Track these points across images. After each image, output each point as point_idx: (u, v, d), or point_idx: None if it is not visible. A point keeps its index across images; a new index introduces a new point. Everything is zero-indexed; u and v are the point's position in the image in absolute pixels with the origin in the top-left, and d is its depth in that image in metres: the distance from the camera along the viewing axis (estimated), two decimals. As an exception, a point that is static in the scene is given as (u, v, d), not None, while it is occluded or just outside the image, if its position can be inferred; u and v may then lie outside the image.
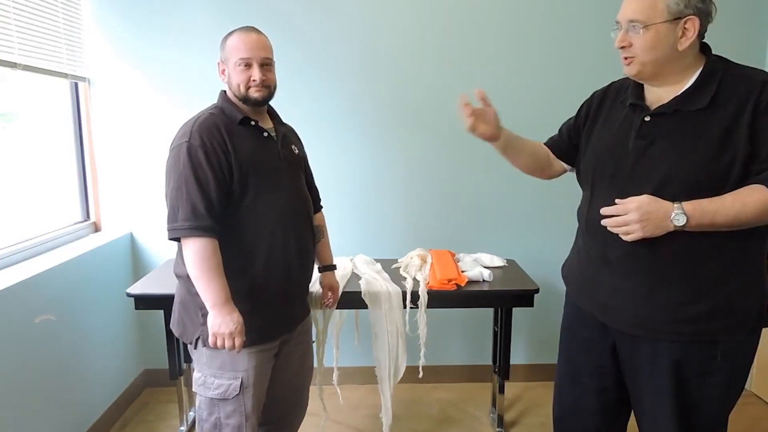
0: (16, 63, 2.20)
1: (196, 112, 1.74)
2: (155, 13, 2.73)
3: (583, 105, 1.68)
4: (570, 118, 1.72)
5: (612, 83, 1.63)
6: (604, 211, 1.39)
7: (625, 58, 1.41)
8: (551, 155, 1.74)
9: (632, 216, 1.33)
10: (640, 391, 1.49)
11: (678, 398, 1.41)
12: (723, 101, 1.32)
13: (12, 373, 1.98)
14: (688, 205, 1.29)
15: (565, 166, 1.74)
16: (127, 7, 2.72)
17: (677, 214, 1.29)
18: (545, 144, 1.77)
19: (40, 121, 2.66)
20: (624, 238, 1.36)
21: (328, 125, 2.84)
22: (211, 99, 1.81)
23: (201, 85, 2.76)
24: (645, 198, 1.33)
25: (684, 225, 1.29)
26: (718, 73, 1.36)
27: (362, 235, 2.93)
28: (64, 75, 2.56)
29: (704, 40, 1.40)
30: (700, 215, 1.29)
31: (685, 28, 1.33)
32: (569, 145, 1.69)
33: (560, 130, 1.75)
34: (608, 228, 1.39)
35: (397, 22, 2.80)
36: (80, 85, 2.76)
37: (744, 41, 2.87)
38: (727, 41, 2.82)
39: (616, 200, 1.37)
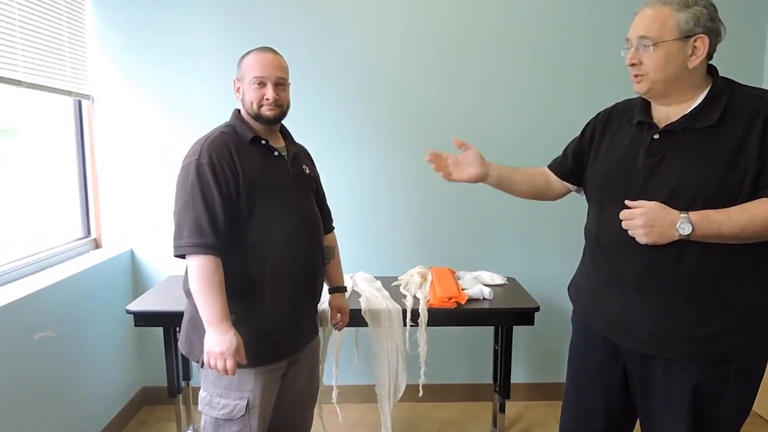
0: (20, 81, 2.22)
1: (197, 131, 1.76)
2: (158, 32, 2.76)
3: (587, 125, 1.69)
4: (573, 140, 1.74)
5: (617, 104, 1.65)
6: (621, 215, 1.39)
7: (636, 76, 1.42)
8: (551, 179, 1.76)
9: (638, 221, 1.33)
10: (653, 410, 1.48)
11: (692, 418, 1.40)
12: (731, 119, 1.34)
13: (10, 389, 1.97)
14: (695, 215, 1.30)
15: (570, 186, 1.74)
16: (131, 27, 2.75)
17: (683, 223, 1.30)
18: (549, 167, 1.78)
19: (43, 138, 2.68)
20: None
21: (328, 142, 2.86)
22: (213, 117, 1.83)
23: (202, 104, 2.79)
24: (653, 204, 1.33)
25: (689, 234, 1.29)
26: (725, 92, 1.38)
27: (362, 253, 2.93)
28: (68, 93, 2.59)
29: (711, 62, 1.42)
30: (706, 225, 1.29)
31: (694, 46, 1.36)
32: (575, 165, 1.70)
33: (565, 152, 1.76)
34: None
35: (397, 37, 2.83)
36: (83, 102, 2.78)
37: (742, 60, 2.90)
38: (726, 57, 2.87)
39: (626, 202, 1.37)
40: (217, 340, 1.57)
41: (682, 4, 1.35)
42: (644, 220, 1.32)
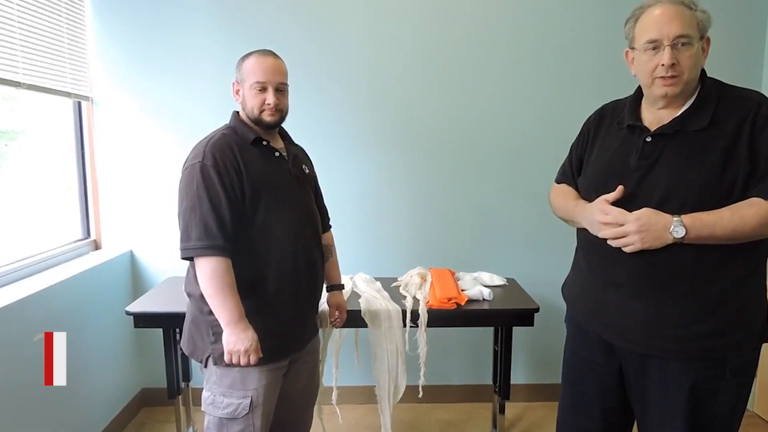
0: (20, 82, 2.22)
1: (196, 132, 1.76)
2: (157, 33, 2.76)
3: (579, 135, 1.68)
4: (569, 156, 1.70)
5: (604, 106, 1.64)
6: (602, 219, 1.39)
7: (671, 77, 1.36)
8: None
9: (630, 227, 1.34)
10: (649, 410, 1.48)
11: (689, 417, 1.40)
12: (722, 122, 1.35)
13: (9, 391, 1.97)
14: (687, 218, 1.30)
15: None
16: (130, 28, 2.75)
17: (676, 226, 1.30)
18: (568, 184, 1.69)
19: (42, 140, 2.68)
20: (624, 249, 1.37)
21: (329, 143, 2.86)
22: (212, 119, 1.83)
23: (202, 106, 2.79)
24: (644, 210, 1.34)
25: (683, 237, 1.30)
26: (714, 95, 1.39)
27: (362, 254, 2.93)
28: (68, 94, 2.59)
29: (710, 62, 1.43)
30: (699, 227, 1.30)
31: (703, 47, 1.39)
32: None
33: (569, 168, 1.69)
34: (607, 240, 1.39)
35: (399, 39, 2.83)
36: (83, 104, 2.78)
37: (742, 60, 2.90)
38: (726, 57, 2.87)
39: (611, 211, 1.37)
40: (239, 339, 1.60)
41: (692, 5, 1.38)
42: (638, 225, 1.33)
